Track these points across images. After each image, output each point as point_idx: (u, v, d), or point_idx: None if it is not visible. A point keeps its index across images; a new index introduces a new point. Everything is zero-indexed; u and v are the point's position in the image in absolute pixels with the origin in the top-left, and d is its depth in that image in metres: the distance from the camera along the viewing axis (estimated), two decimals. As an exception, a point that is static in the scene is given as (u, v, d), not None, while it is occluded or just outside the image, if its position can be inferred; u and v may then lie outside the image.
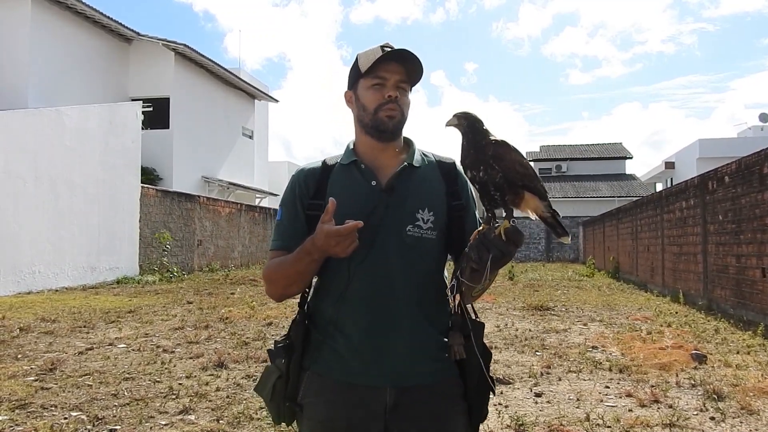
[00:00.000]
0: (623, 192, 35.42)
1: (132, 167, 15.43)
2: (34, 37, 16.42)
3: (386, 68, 1.55)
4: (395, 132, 1.58)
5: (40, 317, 8.26)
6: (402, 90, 1.57)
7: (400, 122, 1.57)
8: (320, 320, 1.57)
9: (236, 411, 4.12)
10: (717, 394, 4.50)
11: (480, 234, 1.41)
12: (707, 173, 10.33)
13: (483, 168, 1.41)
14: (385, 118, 1.55)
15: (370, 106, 1.57)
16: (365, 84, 1.57)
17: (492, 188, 1.41)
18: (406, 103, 1.58)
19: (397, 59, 1.55)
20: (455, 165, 1.67)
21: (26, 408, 4.20)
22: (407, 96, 1.59)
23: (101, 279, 13.94)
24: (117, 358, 5.81)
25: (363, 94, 1.58)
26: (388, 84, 1.55)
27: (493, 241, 1.37)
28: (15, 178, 11.61)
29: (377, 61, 1.54)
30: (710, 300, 9.81)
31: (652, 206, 14.30)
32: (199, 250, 18.84)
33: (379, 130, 1.57)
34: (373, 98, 1.56)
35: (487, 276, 1.39)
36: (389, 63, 1.54)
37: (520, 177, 1.41)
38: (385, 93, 1.55)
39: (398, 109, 1.55)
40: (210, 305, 9.86)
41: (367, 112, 1.57)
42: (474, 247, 1.40)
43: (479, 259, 1.38)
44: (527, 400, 4.55)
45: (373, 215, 1.52)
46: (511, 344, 6.64)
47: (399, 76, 1.55)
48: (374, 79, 1.56)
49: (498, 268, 1.41)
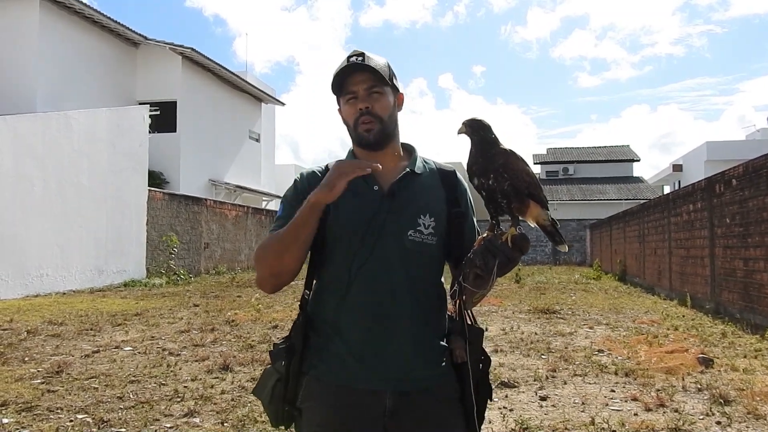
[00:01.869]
0: (630, 195, 35.30)
1: (139, 170, 15.50)
2: (42, 41, 16.54)
3: (353, 80, 1.56)
4: (378, 142, 1.59)
5: (48, 320, 8.31)
6: (376, 95, 1.56)
7: (379, 131, 1.57)
8: (320, 324, 1.58)
9: (241, 414, 4.13)
10: (723, 399, 4.47)
11: (485, 240, 1.43)
12: (715, 176, 10.29)
13: (492, 176, 1.44)
14: (364, 133, 1.57)
15: (349, 122, 1.59)
16: (342, 100, 1.61)
17: (499, 196, 1.45)
18: (385, 107, 1.57)
19: (359, 68, 1.54)
20: (455, 173, 1.69)
21: (32, 410, 4.23)
22: (385, 98, 1.58)
23: (108, 282, 14.00)
24: (123, 361, 5.83)
25: (343, 110, 1.62)
26: (359, 95, 1.56)
27: (500, 248, 1.39)
28: (23, 181, 11.68)
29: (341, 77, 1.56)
30: (717, 303, 9.76)
31: (660, 209, 14.24)
32: (205, 253, 18.89)
33: (363, 144, 1.60)
34: (349, 113, 1.59)
35: (492, 282, 1.41)
36: (355, 74, 1.55)
37: (527, 186, 1.46)
38: (358, 106, 1.56)
39: (374, 120, 1.56)
40: (216, 308, 9.88)
41: (349, 128, 1.61)
42: (479, 253, 1.42)
43: (485, 265, 1.40)
44: (532, 403, 4.53)
45: (375, 220, 1.53)
46: (517, 347, 6.63)
47: (367, 83, 1.55)
48: (347, 94, 1.58)
49: (503, 274, 1.43)
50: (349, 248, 1.54)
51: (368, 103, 1.56)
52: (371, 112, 1.56)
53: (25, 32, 16.43)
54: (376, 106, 1.56)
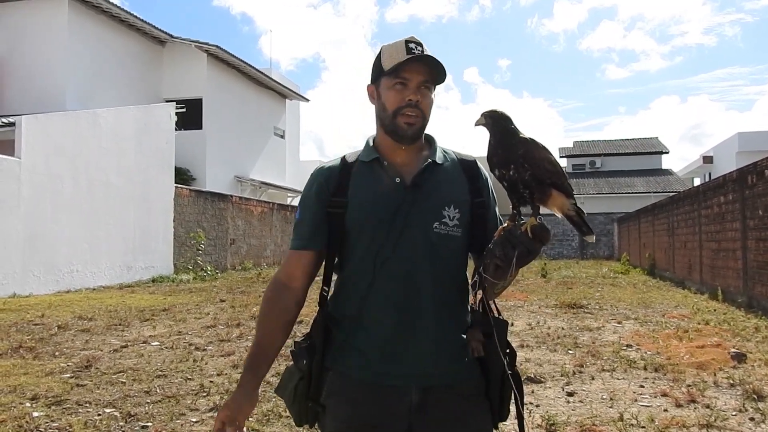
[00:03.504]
0: (659, 188, 34.68)
1: (166, 167, 15.69)
2: (71, 41, 16.80)
3: (410, 68, 1.50)
4: (414, 138, 1.55)
5: (78, 315, 8.45)
6: (425, 91, 1.52)
7: (420, 129, 1.54)
8: (343, 319, 1.55)
9: (265, 409, 4.14)
10: (757, 394, 4.36)
11: (505, 230, 1.40)
12: (746, 167, 10.05)
13: (513, 167, 1.40)
14: (404, 125, 1.51)
15: (390, 108, 1.52)
16: (387, 83, 1.53)
17: (521, 186, 1.41)
18: (429, 105, 1.54)
19: (422, 60, 1.50)
20: (476, 163, 1.64)
21: (62, 404, 4.29)
22: (430, 96, 1.54)
23: (137, 278, 14.20)
24: (150, 356, 5.90)
25: (384, 93, 1.54)
26: (410, 85, 1.50)
27: (519, 238, 1.36)
28: (54, 179, 11.90)
29: (401, 61, 1.50)
30: (750, 297, 9.54)
31: (689, 202, 13.97)
32: (232, 249, 19.06)
33: (398, 136, 1.54)
34: (394, 99, 1.52)
35: (512, 273, 1.38)
36: (413, 63, 1.49)
37: (549, 175, 1.41)
38: (407, 96, 1.50)
39: (419, 114, 1.51)
40: (242, 303, 9.95)
41: (387, 114, 1.53)
42: (499, 244, 1.38)
43: (504, 256, 1.36)
44: (559, 399, 4.47)
45: (399, 212, 1.50)
46: (543, 342, 6.55)
47: (422, 77, 1.51)
48: (396, 78, 1.51)
49: (523, 265, 1.40)
50: (372, 242, 1.51)
51: (418, 97, 1.51)
52: (419, 106, 1.51)
53: (54, 32, 16.71)
54: (423, 102, 1.52)
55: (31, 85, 16.34)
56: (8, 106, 15.98)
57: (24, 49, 16.65)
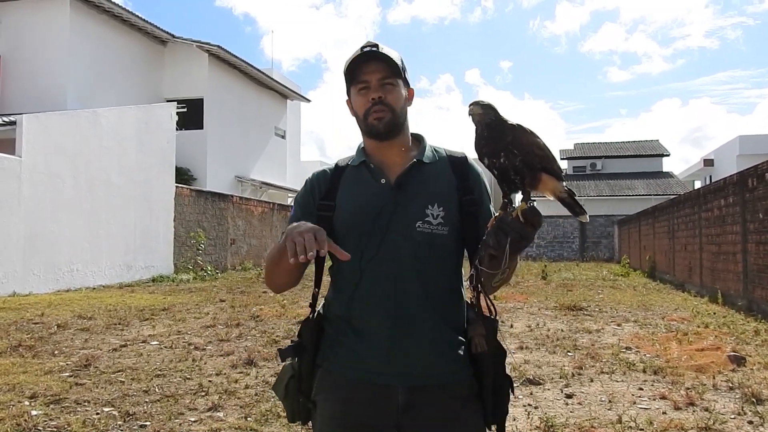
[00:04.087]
0: (660, 190, 34.68)
1: (167, 167, 15.70)
2: (72, 40, 16.81)
3: (366, 70, 1.55)
4: (389, 132, 1.57)
5: (77, 314, 8.45)
6: (388, 86, 1.55)
7: (390, 121, 1.56)
8: (334, 318, 1.57)
9: (264, 408, 4.14)
10: (756, 398, 4.36)
11: (497, 219, 1.40)
12: (747, 170, 10.04)
13: (503, 154, 1.40)
14: (374, 122, 1.55)
15: (360, 112, 1.58)
16: (354, 91, 1.59)
17: (512, 173, 1.40)
18: (397, 99, 1.57)
19: (374, 58, 1.54)
20: (466, 159, 1.66)
21: (60, 403, 4.29)
22: (396, 90, 1.57)
23: (137, 277, 14.21)
24: (149, 355, 5.90)
25: (354, 101, 1.60)
26: (371, 86, 1.55)
27: (511, 224, 1.36)
28: (54, 178, 11.91)
29: (355, 65, 1.55)
30: (750, 300, 9.54)
31: (690, 204, 13.97)
32: (232, 249, 19.07)
33: (373, 134, 1.58)
34: (361, 103, 1.57)
35: (506, 261, 1.37)
36: (369, 64, 1.54)
37: (539, 159, 1.41)
38: (370, 96, 1.55)
39: (385, 109, 1.54)
40: (242, 303, 9.96)
41: (359, 119, 1.59)
42: (492, 233, 1.39)
43: (497, 244, 1.36)
44: (558, 401, 4.47)
45: (383, 212, 1.52)
46: (543, 344, 6.55)
47: (381, 74, 1.55)
48: (359, 84, 1.57)
49: (517, 252, 1.39)
50: (357, 243, 1.52)
51: (381, 93, 1.54)
52: (384, 101, 1.54)
53: (55, 31, 16.72)
54: (388, 97, 1.55)
55: (33, 85, 16.35)
56: (9, 105, 15.99)
57: (25, 48, 16.67)
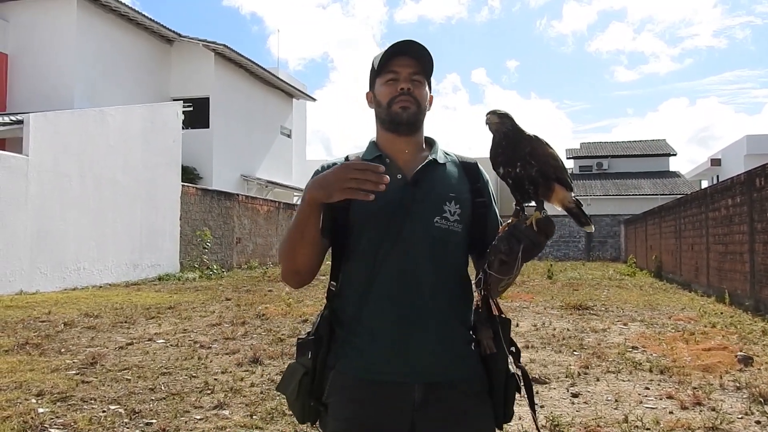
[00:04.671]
0: (666, 190, 34.52)
1: (173, 166, 15.74)
2: (80, 39, 16.87)
3: (398, 63, 1.57)
4: (411, 123, 1.58)
5: (84, 312, 8.48)
6: (417, 82, 1.57)
7: (415, 114, 1.57)
8: (344, 317, 1.55)
9: (269, 407, 4.15)
10: (763, 398, 4.34)
11: (510, 225, 1.42)
12: (754, 170, 9.99)
13: (520, 164, 1.42)
14: (399, 110, 1.56)
15: (384, 101, 1.58)
16: (380, 81, 1.59)
17: (527, 183, 1.42)
18: (422, 96, 1.59)
19: (408, 53, 1.56)
20: (477, 165, 1.68)
21: (67, 401, 4.31)
22: (423, 89, 1.59)
23: (143, 276, 14.25)
24: (155, 353, 5.91)
25: (379, 91, 1.60)
26: (401, 77, 1.56)
27: (524, 232, 1.38)
28: (62, 176, 11.95)
29: (389, 57, 1.56)
30: (757, 300, 9.49)
31: (697, 204, 13.91)
32: (237, 247, 19.10)
33: (395, 123, 1.58)
34: (387, 92, 1.57)
35: (518, 268, 1.39)
36: (401, 58, 1.56)
37: (554, 170, 1.43)
38: (398, 86, 1.56)
39: (412, 100, 1.56)
40: (247, 302, 9.97)
41: (382, 107, 1.59)
42: (504, 239, 1.40)
43: (510, 250, 1.38)
44: (563, 400, 4.46)
45: (400, 208, 1.51)
46: (548, 343, 6.54)
47: (411, 69, 1.57)
48: (388, 74, 1.58)
49: (528, 259, 1.40)
50: (373, 237, 1.51)
51: (410, 85, 1.56)
52: (411, 93, 1.56)
53: (63, 31, 16.79)
54: (416, 91, 1.57)
55: (40, 84, 16.42)
56: (17, 104, 16.08)
57: (33, 47, 16.74)
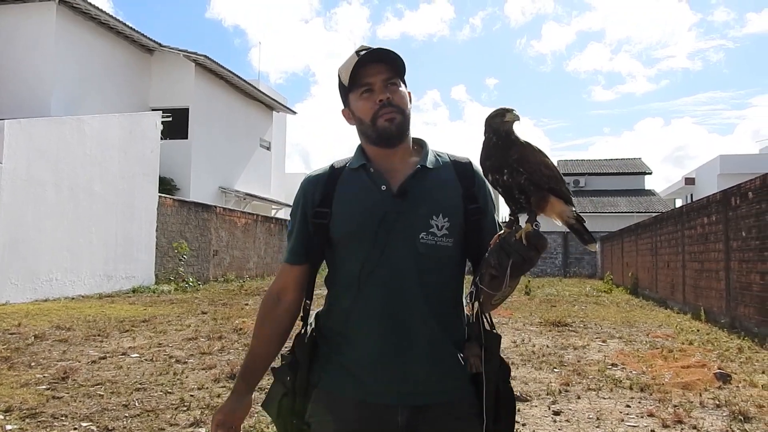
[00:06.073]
0: (642, 208, 35.00)
1: (150, 177, 15.53)
2: (58, 47, 16.62)
3: (368, 72, 1.47)
4: (401, 134, 1.49)
5: (56, 325, 8.27)
6: (393, 87, 1.48)
7: (402, 123, 1.48)
8: (329, 333, 1.50)
9: (247, 425, 4.04)
10: (743, 415, 4.35)
11: (500, 238, 1.32)
12: (730, 189, 10.14)
13: (507, 171, 1.32)
14: (386, 123, 1.46)
15: (366, 118, 1.49)
16: (355, 96, 1.50)
17: (516, 192, 1.33)
18: (402, 99, 1.49)
19: (375, 59, 1.47)
20: (471, 164, 1.57)
21: (36, 417, 4.16)
22: (402, 91, 1.50)
23: (117, 288, 13.99)
24: (129, 368, 5.77)
25: (356, 107, 1.51)
26: (376, 88, 1.47)
27: (513, 246, 1.28)
28: (36, 185, 11.70)
29: (356, 68, 1.47)
30: (733, 318, 9.59)
31: (673, 222, 14.08)
32: (214, 260, 18.87)
33: (384, 137, 1.48)
34: (366, 107, 1.48)
35: (507, 283, 1.30)
36: (370, 66, 1.47)
37: (546, 180, 1.33)
38: (376, 98, 1.47)
39: (395, 110, 1.47)
40: (224, 316, 9.82)
41: (366, 125, 1.49)
42: (494, 252, 1.32)
43: (499, 265, 1.29)
44: (545, 418, 4.42)
45: (384, 222, 1.43)
46: (528, 360, 6.51)
47: (384, 75, 1.47)
48: (360, 88, 1.48)
49: (519, 274, 1.33)
50: (357, 254, 1.45)
51: (387, 94, 1.47)
52: (392, 103, 1.47)
53: (41, 37, 16.52)
54: (395, 98, 1.47)
55: (16, 90, 16.11)
56: (-9, 111, 15.77)
57: (10, 53, 16.43)
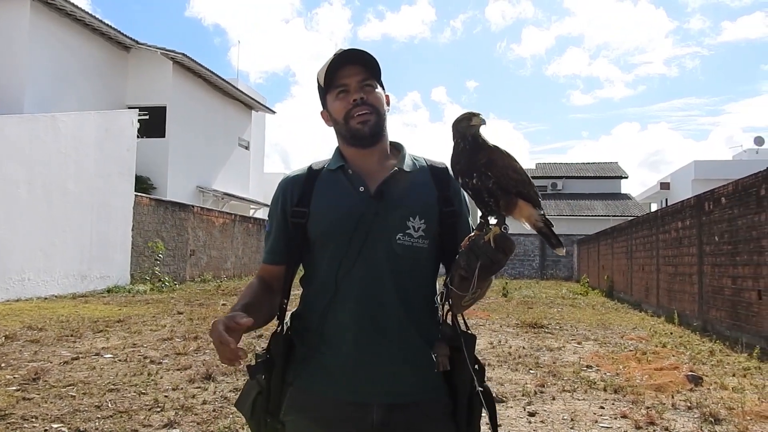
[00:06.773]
0: (618, 211, 35.44)
1: (126, 175, 15.34)
2: (32, 42, 16.36)
3: (344, 74, 1.50)
4: (374, 135, 1.52)
5: (27, 325, 8.13)
6: (368, 88, 1.51)
7: (376, 123, 1.51)
8: (305, 333, 1.50)
9: (222, 425, 4.02)
10: (714, 417, 4.42)
11: (470, 240, 1.35)
12: (704, 194, 10.31)
13: (476, 175, 1.34)
14: (359, 125, 1.50)
15: (339, 116, 1.52)
16: (331, 97, 1.53)
17: (486, 195, 1.34)
18: (378, 100, 1.52)
19: (351, 61, 1.50)
20: (447, 169, 1.59)
21: (6, 419, 4.09)
22: (378, 92, 1.53)
23: (92, 287, 13.79)
24: (103, 369, 5.69)
25: (332, 108, 1.54)
26: (350, 88, 1.50)
27: (482, 248, 1.30)
28: (8, 183, 11.49)
29: (331, 70, 1.50)
30: (705, 321, 9.75)
31: (648, 226, 14.28)
32: (191, 260, 18.70)
33: (357, 138, 1.51)
34: (341, 107, 1.51)
35: (475, 284, 1.32)
36: (346, 68, 1.50)
37: (514, 183, 1.34)
38: (350, 98, 1.49)
39: (369, 109, 1.49)
40: (200, 316, 9.73)
41: (340, 124, 1.52)
42: (464, 254, 1.34)
43: (468, 267, 1.31)
44: (520, 419, 4.46)
45: (361, 223, 1.45)
46: (505, 362, 6.55)
47: (359, 76, 1.50)
48: (336, 88, 1.51)
49: (487, 276, 1.34)
50: (334, 254, 1.46)
51: (362, 94, 1.49)
52: (366, 102, 1.49)
53: (15, 33, 16.23)
54: (370, 98, 1.50)
55: (-12, 86, 15.84)
56: (-38, 107, 15.45)
57: (-18, 49, 16.14)
